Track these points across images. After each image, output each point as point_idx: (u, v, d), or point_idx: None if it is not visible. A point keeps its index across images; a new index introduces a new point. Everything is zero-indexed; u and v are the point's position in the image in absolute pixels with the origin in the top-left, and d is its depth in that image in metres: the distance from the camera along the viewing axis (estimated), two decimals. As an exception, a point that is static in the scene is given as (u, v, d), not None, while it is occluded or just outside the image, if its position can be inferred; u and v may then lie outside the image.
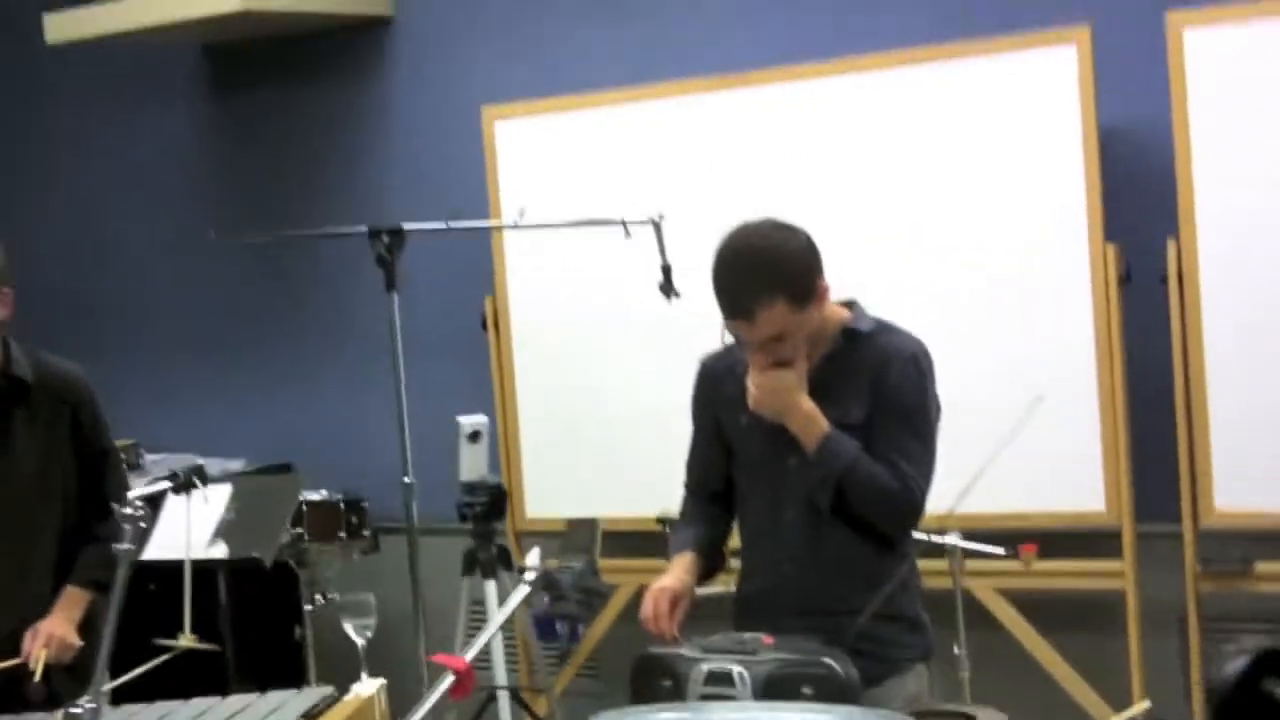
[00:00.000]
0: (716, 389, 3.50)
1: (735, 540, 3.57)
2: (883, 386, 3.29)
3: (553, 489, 5.33)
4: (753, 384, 3.29)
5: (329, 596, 5.19)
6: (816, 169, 4.98)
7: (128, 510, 2.98)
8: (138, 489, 3.18)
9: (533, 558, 2.88)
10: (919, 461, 3.28)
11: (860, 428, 3.28)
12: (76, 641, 3.77)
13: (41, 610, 3.82)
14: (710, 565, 3.48)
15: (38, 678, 3.66)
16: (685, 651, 3.03)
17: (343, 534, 5.29)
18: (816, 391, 3.28)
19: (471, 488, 4.39)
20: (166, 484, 3.28)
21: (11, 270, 3.77)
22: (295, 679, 4.95)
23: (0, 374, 3.76)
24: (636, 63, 5.46)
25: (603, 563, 3.21)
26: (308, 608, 5.25)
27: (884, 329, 3.37)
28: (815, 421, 3.25)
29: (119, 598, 2.90)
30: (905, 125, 4.87)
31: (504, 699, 4.17)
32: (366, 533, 5.32)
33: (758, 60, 5.16)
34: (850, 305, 3.41)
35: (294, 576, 5.30)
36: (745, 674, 2.91)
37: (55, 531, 3.87)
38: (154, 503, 3.72)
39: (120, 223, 6.70)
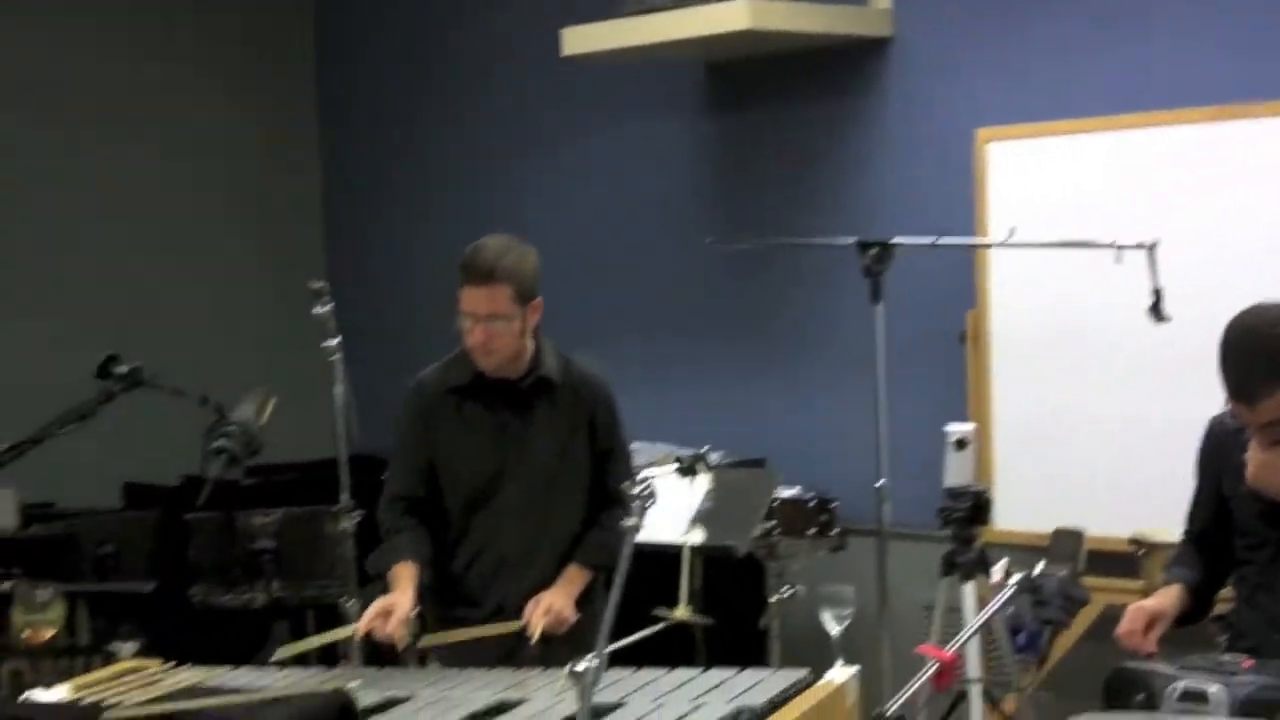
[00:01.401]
0: (1222, 451, 3.53)
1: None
2: None
3: (1023, 503, 5.38)
4: (1251, 461, 3.29)
5: (795, 589, 5.39)
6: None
7: (635, 490, 3.23)
8: (647, 469, 3.43)
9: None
10: None
11: None
12: (572, 616, 4.05)
13: (545, 587, 4.13)
14: (1195, 606, 3.52)
15: (533, 642, 3.96)
16: (1161, 668, 3.09)
17: (811, 531, 5.48)
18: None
19: (955, 493, 4.52)
20: (672, 465, 3.52)
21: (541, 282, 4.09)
22: (759, 664, 5.15)
23: (530, 371, 4.09)
24: (1132, 90, 5.45)
25: (1071, 579, 3.28)
26: (774, 598, 5.45)
27: None
28: None
29: (624, 567, 3.13)
30: None
31: (976, 698, 4.28)
32: (834, 532, 5.49)
33: (1257, 93, 5.11)
34: None
35: (762, 568, 5.53)
36: (1222, 693, 2.94)
37: (565, 517, 4.18)
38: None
39: (619, 225, 7.07)
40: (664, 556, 4.91)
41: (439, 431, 4.12)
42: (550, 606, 4.01)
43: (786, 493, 5.50)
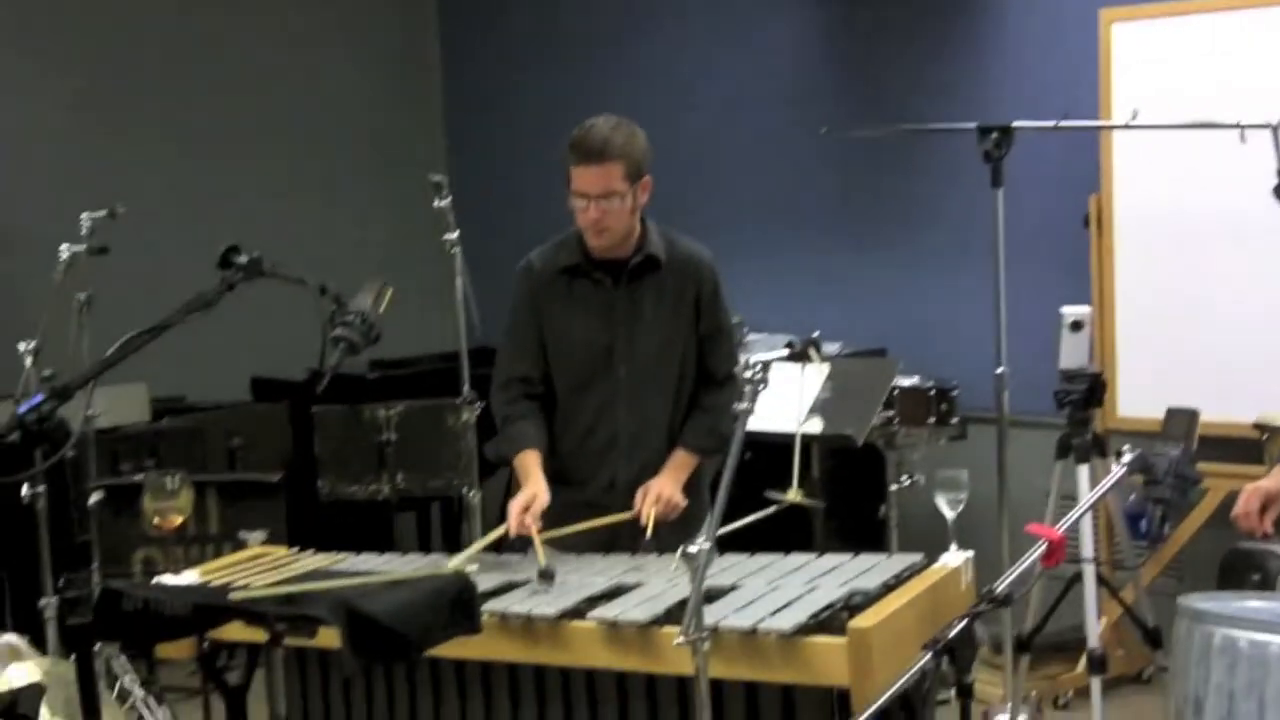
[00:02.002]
0: None
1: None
2: None
3: (1145, 389, 5.33)
4: None
5: (914, 478, 5.38)
6: None
7: (747, 373, 3.23)
8: (758, 354, 3.41)
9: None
10: None
11: None
12: (682, 501, 4.07)
13: (654, 464, 4.16)
14: None
15: (648, 534, 3.99)
16: (1277, 548, 3.06)
17: (931, 420, 5.46)
18: None
19: (1070, 375, 4.48)
20: (783, 351, 3.50)
21: (651, 159, 4.09)
22: (876, 550, 5.18)
23: (637, 251, 4.11)
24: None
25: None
26: (893, 487, 5.46)
27: None
28: None
29: (736, 450, 3.14)
30: None
31: (1089, 580, 4.25)
32: (955, 420, 5.47)
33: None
34: None
35: (881, 457, 5.53)
36: (1340, 573, 2.92)
37: (674, 395, 4.19)
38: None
39: (737, 112, 7.04)
40: (783, 446, 4.91)
41: (549, 311, 4.15)
42: (660, 494, 4.02)
43: (906, 382, 5.49)
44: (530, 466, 4.03)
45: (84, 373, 3.08)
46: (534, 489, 3.95)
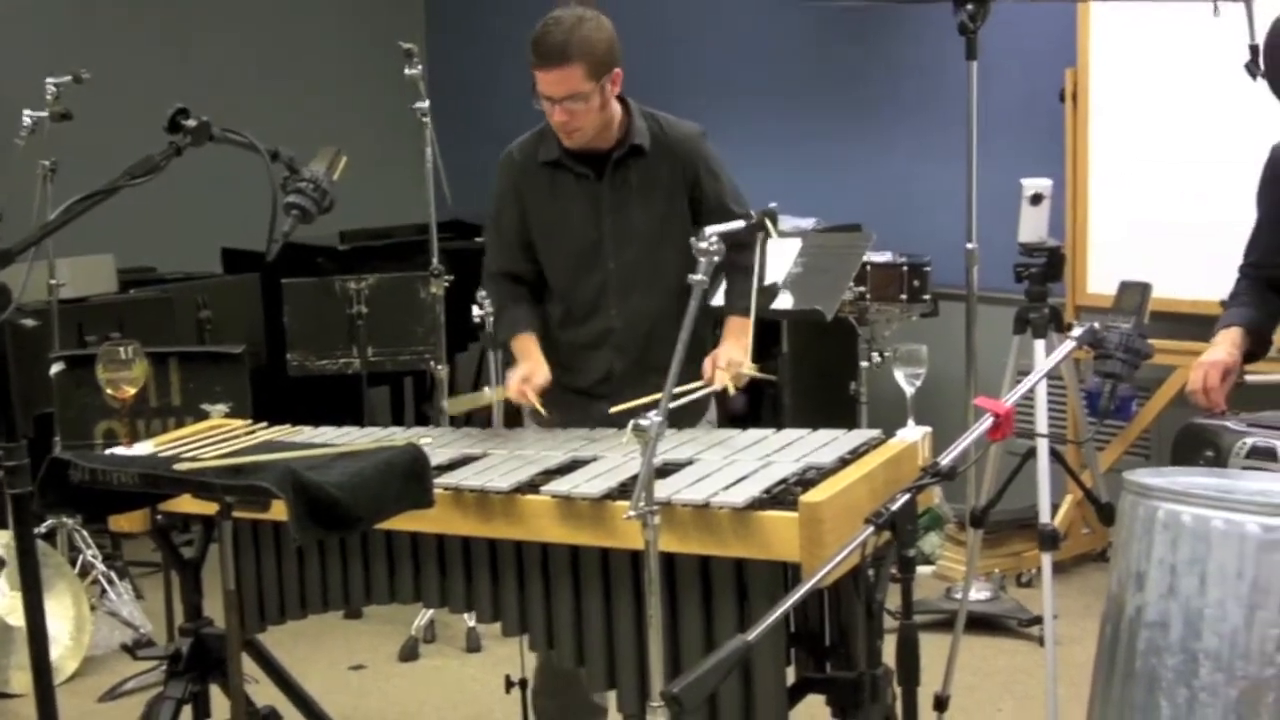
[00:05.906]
0: None
1: None
2: None
3: (1116, 264, 5.29)
4: None
5: (884, 354, 5.36)
6: None
7: (703, 245, 3.17)
8: (715, 227, 3.34)
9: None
10: None
11: None
12: (748, 362, 3.89)
13: (648, 356, 4.02)
14: (1256, 346, 3.42)
15: (733, 392, 3.89)
16: (1231, 424, 3.03)
17: (903, 296, 5.43)
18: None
19: (1029, 249, 4.43)
20: (741, 223, 3.44)
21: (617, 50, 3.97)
22: (847, 426, 5.18)
23: (620, 141, 4.00)
24: None
25: (1163, 344, 3.21)
26: (864, 364, 5.44)
27: None
28: None
29: (690, 324, 3.09)
30: None
31: (1042, 455, 4.22)
32: (926, 296, 5.44)
33: None
34: None
35: (853, 333, 5.50)
36: (1292, 450, 2.90)
37: (663, 287, 4.07)
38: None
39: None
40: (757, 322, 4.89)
41: (533, 205, 4.04)
42: (729, 360, 3.90)
43: (878, 257, 5.45)
44: (528, 346, 3.98)
45: (26, 238, 3.01)
46: (533, 364, 3.92)
